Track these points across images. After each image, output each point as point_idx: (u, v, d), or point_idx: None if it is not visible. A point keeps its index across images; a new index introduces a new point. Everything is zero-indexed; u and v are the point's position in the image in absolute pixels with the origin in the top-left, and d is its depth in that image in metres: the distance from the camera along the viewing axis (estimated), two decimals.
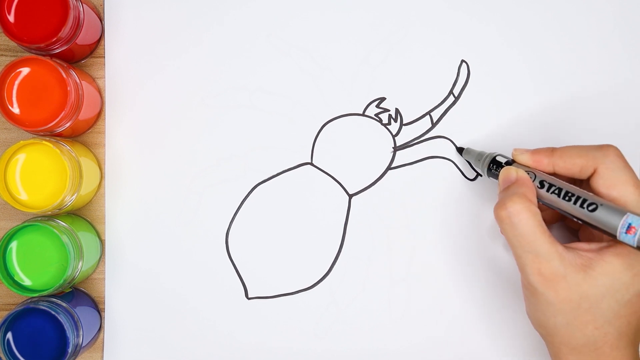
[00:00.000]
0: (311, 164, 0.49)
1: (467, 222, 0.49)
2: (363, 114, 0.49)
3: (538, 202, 0.40)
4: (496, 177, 0.44)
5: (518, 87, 0.49)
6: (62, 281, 0.43)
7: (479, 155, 0.46)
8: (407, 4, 0.49)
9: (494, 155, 0.45)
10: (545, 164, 0.41)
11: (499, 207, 0.39)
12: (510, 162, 0.43)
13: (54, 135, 0.46)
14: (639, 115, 0.49)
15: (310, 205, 0.49)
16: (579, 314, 0.37)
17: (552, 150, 0.41)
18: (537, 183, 0.41)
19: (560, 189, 0.39)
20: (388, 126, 0.49)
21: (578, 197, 0.38)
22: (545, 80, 0.49)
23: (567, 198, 0.39)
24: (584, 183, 0.41)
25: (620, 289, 0.37)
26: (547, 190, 0.40)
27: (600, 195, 0.38)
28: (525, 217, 0.38)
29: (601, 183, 0.38)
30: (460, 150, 0.48)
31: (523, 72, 0.49)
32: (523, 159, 0.42)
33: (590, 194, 0.39)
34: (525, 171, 0.41)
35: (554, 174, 0.41)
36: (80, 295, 0.47)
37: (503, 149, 0.49)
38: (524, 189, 0.39)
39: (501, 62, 0.49)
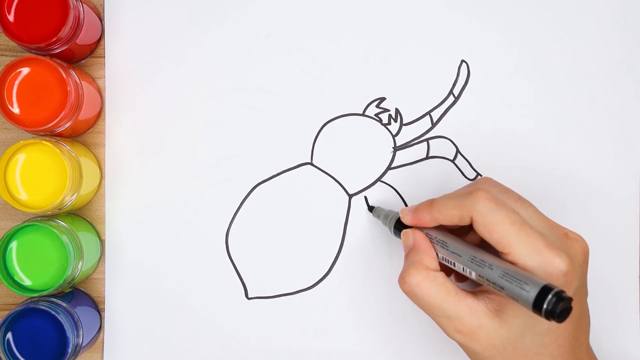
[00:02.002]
0: (311, 164, 0.49)
1: None
2: (363, 114, 0.49)
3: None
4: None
5: (518, 87, 0.49)
6: (62, 281, 0.43)
7: (386, 215, 0.46)
8: (407, 4, 0.49)
9: (398, 216, 0.44)
10: (428, 220, 0.41)
11: (400, 281, 0.39)
12: None
13: (54, 135, 0.46)
14: (638, 115, 0.49)
15: (310, 205, 0.49)
16: (507, 355, 0.37)
17: (430, 205, 0.41)
18: (435, 245, 0.40)
19: (453, 262, 0.39)
20: (388, 126, 0.49)
21: (478, 266, 0.38)
22: (545, 80, 0.49)
23: (463, 270, 0.38)
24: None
25: (536, 322, 0.37)
26: (443, 260, 0.40)
27: (485, 239, 0.38)
28: (426, 287, 0.38)
29: (482, 230, 0.38)
30: (370, 208, 0.48)
31: (523, 72, 0.49)
32: (407, 220, 0.42)
33: (485, 257, 0.38)
34: (425, 232, 0.41)
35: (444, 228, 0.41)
36: (80, 295, 0.47)
37: (503, 149, 0.49)
38: (420, 255, 0.40)
39: (501, 62, 0.49)
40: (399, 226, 0.43)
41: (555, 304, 0.32)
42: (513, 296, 0.35)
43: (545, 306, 0.33)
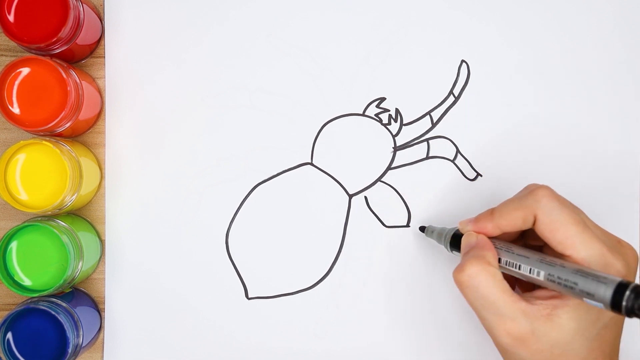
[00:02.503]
0: (311, 164, 0.49)
1: None
2: (363, 114, 0.49)
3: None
4: (459, 251, 0.42)
5: (518, 87, 0.49)
6: (62, 281, 0.43)
7: (440, 232, 0.45)
8: (407, 4, 0.49)
9: (454, 230, 0.44)
10: (490, 228, 0.40)
11: (457, 271, 0.39)
12: None
13: (54, 135, 0.46)
14: (638, 115, 0.49)
15: (310, 205, 0.49)
16: None
17: (491, 213, 0.40)
18: (499, 249, 0.40)
19: (519, 265, 0.38)
20: (388, 126, 0.49)
21: (550, 271, 0.37)
22: (545, 80, 0.49)
23: (533, 273, 0.38)
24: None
25: (588, 327, 0.37)
26: (507, 264, 0.39)
27: (546, 239, 0.38)
28: (484, 279, 0.37)
29: (543, 229, 0.38)
30: (422, 229, 0.48)
31: (523, 72, 0.49)
32: (468, 229, 0.41)
33: (556, 261, 0.37)
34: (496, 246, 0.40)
35: (505, 235, 0.41)
36: (80, 295, 0.47)
37: (503, 149, 0.49)
38: (483, 251, 0.39)
39: (501, 62, 0.49)
40: (455, 242, 0.43)
41: (635, 300, 0.32)
42: (589, 291, 0.34)
43: (624, 303, 0.32)
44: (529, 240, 0.43)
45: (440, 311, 0.49)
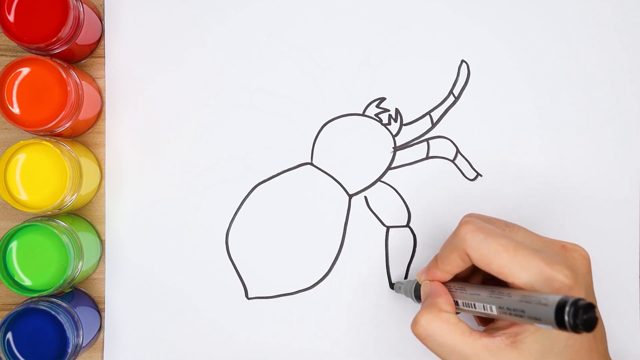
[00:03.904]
0: (311, 164, 0.49)
1: None
2: (363, 114, 0.49)
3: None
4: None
5: (518, 87, 0.49)
6: (62, 281, 0.43)
7: (407, 285, 0.45)
8: (407, 4, 0.49)
9: (416, 281, 0.44)
10: (439, 275, 0.40)
11: (413, 325, 0.38)
12: None
13: (54, 135, 0.46)
14: (638, 115, 0.49)
15: (310, 205, 0.49)
16: None
17: (435, 259, 0.40)
18: (454, 292, 0.40)
19: (474, 304, 0.38)
20: (388, 126, 0.49)
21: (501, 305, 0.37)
22: (545, 80, 0.49)
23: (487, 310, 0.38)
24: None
25: (552, 344, 0.36)
26: (464, 305, 0.39)
27: (487, 271, 0.37)
28: (438, 326, 0.37)
29: (479, 264, 0.37)
30: (391, 286, 0.49)
31: (523, 72, 0.49)
32: (422, 279, 0.42)
33: (504, 291, 0.37)
34: (444, 283, 0.41)
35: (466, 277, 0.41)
36: (80, 295, 0.47)
37: (503, 149, 0.49)
38: (435, 298, 0.39)
39: (501, 62, 0.49)
40: (419, 293, 0.43)
41: (576, 314, 0.31)
42: (535, 316, 0.34)
43: (567, 319, 0.32)
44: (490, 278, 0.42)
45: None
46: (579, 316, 0.31)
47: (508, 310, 0.36)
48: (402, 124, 0.49)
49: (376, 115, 0.49)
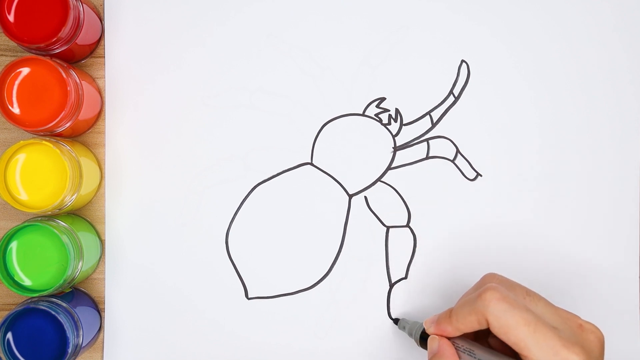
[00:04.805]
0: (311, 164, 0.49)
1: (467, 222, 0.49)
2: (363, 114, 0.49)
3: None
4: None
5: (518, 87, 0.49)
6: (62, 281, 0.43)
7: (411, 327, 0.45)
8: (407, 4, 0.49)
9: (423, 327, 0.44)
10: (450, 331, 0.40)
11: None
12: None
13: (54, 135, 0.46)
14: (638, 115, 0.49)
15: (310, 205, 0.49)
16: None
17: (449, 315, 0.40)
18: (462, 353, 0.40)
19: None
20: (388, 126, 0.49)
21: None
22: (545, 80, 0.49)
23: None
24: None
25: None
26: None
27: (502, 340, 0.38)
28: None
29: (497, 332, 0.38)
30: (395, 321, 0.48)
31: (523, 72, 0.49)
32: (431, 331, 0.42)
33: None
34: (452, 341, 0.41)
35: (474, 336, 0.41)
36: (80, 295, 0.47)
37: (503, 149, 0.49)
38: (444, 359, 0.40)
39: (501, 62, 0.49)
40: (425, 336, 0.43)
41: None
42: None
43: None
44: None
45: (440, 309, 0.49)
46: None
47: None
48: (402, 124, 0.49)
49: (376, 115, 0.49)
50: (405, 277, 0.49)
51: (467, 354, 0.40)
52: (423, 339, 0.43)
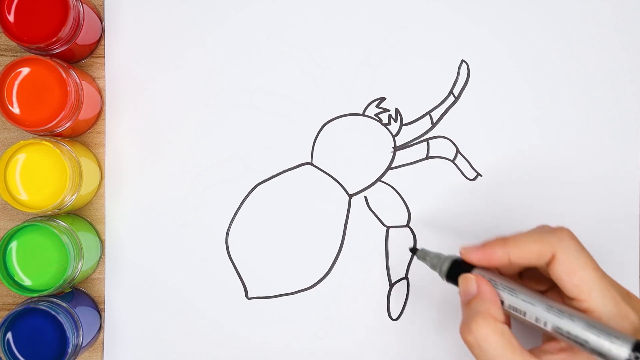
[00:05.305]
0: (311, 164, 0.49)
1: (467, 222, 0.49)
2: (363, 114, 0.49)
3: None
4: (456, 283, 0.40)
5: (518, 87, 0.49)
6: (62, 281, 0.43)
7: (436, 258, 0.42)
8: (407, 4, 0.49)
9: (451, 259, 0.41)
10: (499, 256, 0.38)
11: (464, 330, 0.37)
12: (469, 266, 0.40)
13: (54, 135, 0.46)
14: (638, 115, 0.49)
15: (310, 205, 0.49)
16: None
17: (504, 241, 0.38)
18: (501, 291, 0.38)
19: (524, 312, 0.36)
20: (388, 126, 0.49)
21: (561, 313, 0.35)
22: (545, 80, 0.49)
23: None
24: (537, 270, 0.39)
25: None
26: (510, 308, 0.37)
27: (561, 280, 0.36)
28: (494, 341, 0.36)
29: (561, 269, 0.36)
30: (414, 250, 0.45)
31: (523, 73, 0.49)
32: (473, 257, 0.39)
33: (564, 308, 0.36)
34: (488, 278, 0.38)
35: (508, 264, 0.39)
36: (80, 295, 0.47)
37: (503, 149, 0.49)
38: (486, 304, 0.37)
39: (501, 62, 0.49)
40: (455, 271, 0.40)
41: None
42: (600, 351, 0.32)
43: None
44: (526, 282, 0.41)
45: (440, 309, 0.49)
46: None
47: (567, 334, 0.34)
48: (402, 124, 0.49)
49: (376, 115, 0.49)
50: (405, 277, 0.49)
51: (507, 293, 0.37)
52: (450, 275, 0.40)
